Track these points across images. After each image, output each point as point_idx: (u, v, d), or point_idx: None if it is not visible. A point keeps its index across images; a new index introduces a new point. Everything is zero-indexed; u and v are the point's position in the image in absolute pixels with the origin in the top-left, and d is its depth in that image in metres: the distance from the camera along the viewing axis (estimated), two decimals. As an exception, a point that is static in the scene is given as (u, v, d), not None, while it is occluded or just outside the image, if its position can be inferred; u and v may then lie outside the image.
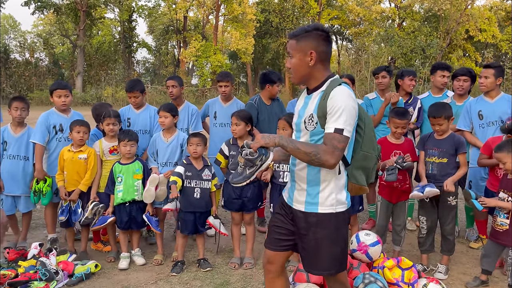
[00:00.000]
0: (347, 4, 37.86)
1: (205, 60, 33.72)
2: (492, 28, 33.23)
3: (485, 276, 3.47)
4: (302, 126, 2.28)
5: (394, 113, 3.85)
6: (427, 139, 3.76)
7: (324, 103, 2.16)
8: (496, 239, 3.37)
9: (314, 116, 2.21)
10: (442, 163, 3.60)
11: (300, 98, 2.40)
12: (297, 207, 2.32)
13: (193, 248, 4.30)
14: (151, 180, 3.79)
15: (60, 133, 4.15)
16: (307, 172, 2.26)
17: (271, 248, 2.43)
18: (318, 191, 2.25)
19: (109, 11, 39.38)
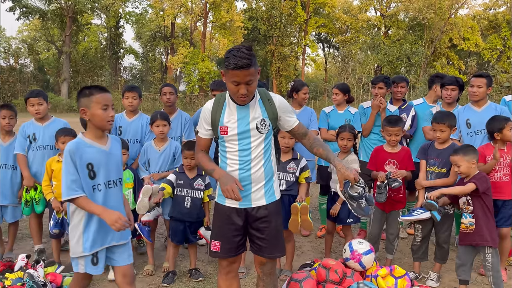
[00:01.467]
0: (334, 12, 38.33)
1: (193, 67, 33.72)
2: (475, 36, 33.95)
3: (464, 286, 3.48)
4: (253, 132, 2.50)
5: (386, 121, 3.90)
6: (428, 148, 3.79)
7: (273, 107, 2.53)
8: (469, 241, 3.37)
9: (266, 120, 2.51)
10: (441, 173, 3.63)
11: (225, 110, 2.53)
12: (257, 204, 2.57)
13: (184, 258, 4.25)
14: (144, 191, 3.73)
15: (33, 142, 4.09)
16: (264, 171, 2.56)
17: (233, 254, 2.65)
18: (272, 183, 2.62)
19: (96, 17, 39.19)
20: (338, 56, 43.79)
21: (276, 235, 2.63)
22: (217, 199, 2.66)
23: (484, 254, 3.34)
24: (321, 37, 43.28)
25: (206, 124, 2.57)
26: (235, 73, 2.31)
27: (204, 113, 2.57)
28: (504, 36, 34.53)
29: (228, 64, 2.32)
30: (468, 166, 3.32)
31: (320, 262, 3.44)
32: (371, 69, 31.63)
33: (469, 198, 3.36)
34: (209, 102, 2.59)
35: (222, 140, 2.55)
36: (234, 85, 2.36)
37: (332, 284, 3.20)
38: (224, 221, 2.60)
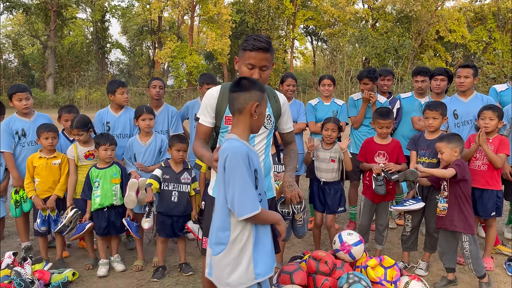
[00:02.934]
0: (321, 5, 38.26)
1: (181, 61, 33.45)
2: (461, 29, 34.22)
3: (452, 275, 3.52)
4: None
5: (377, 114, 3.91)
6: (418, 139, 3.82)
7: (278, 105, 2.52)
8: (440, 225, 3.45)
9: (271, 116, 2.49)
10: (432, 164, 3.65)
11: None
12: None
13: (174, 253, 4.23)
14: (131, 185, 3.70)
15: (23, 138, 3.99)
16: (264, 166, 2.50)
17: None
18: (270, 179, 2.59)
19: (81, 11, 38.59)
20: (326, 49, 43.82)
21: (273, 231, 2.51)
22: (212, 193, 2.51)
23: (462, 242, 3.37)
24: (309, 30, 43.22)
25: (211, 110, 2.45)
26: (252, 54, 2.29)
27: (208, 99, 2.47)
28: (490, 28, 34.89)
29: (247, 45, 2.29)
30: (450, 154, 3.36)
31: (310, 254, 3.44)
32: (359, 61, 31.75)
33: (445, 183, 3.40)
34: (214, 89, 2.50)
35: (225, 131, 2.44)
36: (248, 68, 2.32)
37: (323, 275, 3.21)
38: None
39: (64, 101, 27.50)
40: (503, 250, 4.14)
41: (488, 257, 3.88)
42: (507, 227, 4.64)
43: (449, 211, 3.37)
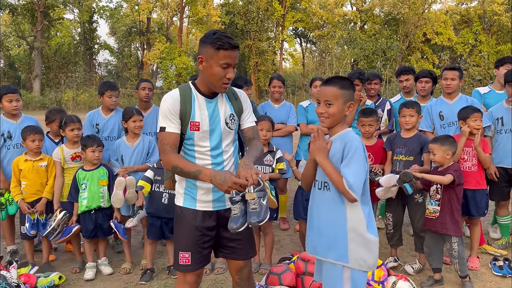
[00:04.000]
0: (310, 7, 38.45)
1: (170, 62, 33.32)
2: (447, 31, 34.68)
3: (439, 275, 3.57)
4: (223, 128, 2.33)
5: (360, 113, 3.99)
6: (394, 138, 3.87)
7: (238, 102, 2.42)
8: (430, 227, 3.48)
9: (234, 115, 2.39)
10: (409, 161, 3.71)
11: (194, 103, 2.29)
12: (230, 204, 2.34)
13: (163, 255, 4.21)
14: (118, 183, 3.67)
15: (9, 141, 3.94)
16: (235, 169, 2.40)
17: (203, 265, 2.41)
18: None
19: (68, 11, 38.25)
20: (315, 51, 44.03)
21: (249, 234, 2.47)
22: (184, 204, 2.37)
23: (450, 243, 3.43)
24: (298, 32, 43.42)
25: (175, 116, 2.25)
26: (228, 53, 2.17)
27: (170, 104, 2.24)
28: (476, 30, 35.45)
29: (222, 44, 2.15)
30: (442, 156, 3.41)
31: (299, 255, 3.46)
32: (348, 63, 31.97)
33: (439, 186, 3.44)
34: (173, 92, 2.30)
35: (190, 138, 2.29)
36: (223, 68, 2.19)
37: (311, 276, 3.22)
38: (194, 229, 2.33)
39: (51, 103, 27.20)
40: (489, 250, 4.20)
41: (474, 256, 3.93)
42: (492, 227, 4.71)
43: (441, 214, 3.41)
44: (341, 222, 2.19)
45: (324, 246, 2.25)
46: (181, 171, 2.21)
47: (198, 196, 2.35)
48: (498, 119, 4.19)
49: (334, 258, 2.20)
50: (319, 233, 2.27)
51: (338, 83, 2.24)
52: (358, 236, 2.18)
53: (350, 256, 2.17)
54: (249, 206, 2.06)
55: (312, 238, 2.34)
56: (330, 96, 2.22)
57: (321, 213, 2.27)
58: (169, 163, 2.22)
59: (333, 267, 2.21)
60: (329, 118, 2.24)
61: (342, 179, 2.13)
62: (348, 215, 2.19)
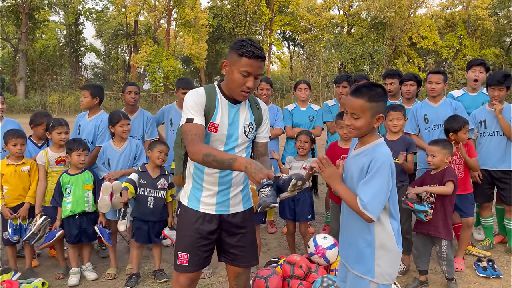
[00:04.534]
0: (298, 10, 38.72)
1: (157, 65, 33.17)
2: (433, 35, 35.22)
3: (424, 277, 3.60)
4: (240, 135, 2.31)
5: (338, 116, 4.02)
6: None
7: (259, 112, 2.40)
8: (422, 230, 3.51)
9: (253, 125, 2.36)
10: (395, 163, 3.72)
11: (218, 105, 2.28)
12: (234, 210, 2.39)
13: (148, 260, 4.17)
14: (104, 188, 3.62)
15: None
16: (244, 175, 2.39)
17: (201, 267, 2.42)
18: (248, 188, 2.49)
19: (54, 13, 37.88)
20: (303, 54, 44.27)
21: (252, 241, 2.47)
22: (188, 204, 2.37)
23: (440, 246, 3.47)
24: (286, 35, 43.62)
25: (201, 110, 2.22)
26: (250, 62, 2.14)
27: (197, 98, 2.22)
28: (460, 34, 36.05)
29: (245, 52, 2.11)
30: (442, 159, 3.47)
31: (286, 258, 3.45)
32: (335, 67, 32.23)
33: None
34: (199, 89, 2.29)
35: (207, 137, 2.28)
36: (243, 75, 2.16)
37: (297, 279, 3.22)
38: (194, 230, 2.32)
39: (36, 106, 26.84)
40: (473, 251, 4.25)
41: (460, 257, 3.98)
42: (476, 228, 4.77)
43: (434, 217, 3.44)
44: (369, 238, 2.12)
45: (352, 258, 2.20)
46: (214, 160, 2.08)
47: (202, 198, 2.35)
48: (481, 122, 4.27)
49: (361, 272, 2.15)
50: (348, 243, 2.23)
51: (366, 95, 2.06)
52: (386, 252, 2.12)
53: (377, 272, 2.12)
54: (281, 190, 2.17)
55: (343, 245, 2.31)
56: (357, 109, 2.06)
57: (349, 225, 2.21)
58: (201, 152, 2.10)
59: (360, 280, 2.16)
60: (355, 131, 2.11)
61: (354, 201, 2.05)
62: (376, 232, 2.11)
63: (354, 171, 2.13)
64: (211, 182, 2.33)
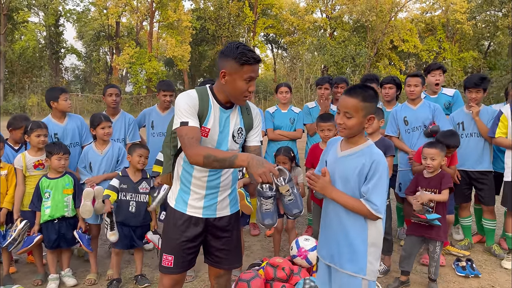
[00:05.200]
0: (281, 13, 38.88)
1: (140, 67, 32.84)
2: (413, 39, 35.81)
3: (406, 277, 3.65)
4: (230, 140, 2.31)
5: (319, 118, 4.05)
6: None
7: (250, 117, 2.39)
8: (421, 233, 3.54)
9: (242, 130, 2.36)
10: None
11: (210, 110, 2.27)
12: (221, 214, 2.41)
13: (130, 264, 4.12)
14: (86, 194, 3.55)
15: None
16: (232, 178, 2.42)
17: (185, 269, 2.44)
18: (235, 192, 2.51)
19: (33, 14, 37.06)
20: (286, 57, 44.47)
21: (237, 245, 2.50)
22: (175, 206, 2.38)
23: (434, 247, 3.52)
24: (270, 38, 43.75)
25: (195, 112, 2.21)
26: (252, 68, 2.16)
27: (190, 101, 2.20)
28: (440, 38, 36.74)
29: (247, 59, 2.12)
30: (440, 162, 3.54)
31: (268, 261, 3.45)
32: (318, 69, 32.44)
33: (433, 194, 3.53)
34: (191, 92, 2.26)
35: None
36: (246, 81, 2.17)
37: (280, 282, 3.23)
38: (180, 233, 2.34)
39: (15, 108, 26.27)
40: (452, 251, 4.33)
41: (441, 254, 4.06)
42: (455, 228, 4.86)
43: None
44: (363, 237, 2.17)
45: (343, 258, 2.20)
46: (215, 160, 2.07)
47: (189, 201, 2.36)
48: (459, 124, 4.36)
49: (353, 271, 2.17)
50: (337, 244, 2.22)
51: (360, 95, 2.12)
52: (376, 249, 2.20)
53: (368, 269, 2.17)
54: (285, 198, 2.05)
55: (329, 246, 2.28)
56: (351, 108, 2.11)
57: (339, 226, 2.22)
58: (200, 154, 2.09)
59: (352, 279, 2.18)
60: (347, 130, 2.15)
61: (361, 204, 2.09)
62: (369, 231, 2.17)
63: (349, 172, 2.16)
64: (199, 185, 2.34)
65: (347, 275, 2.19)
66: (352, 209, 2.12)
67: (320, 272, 2.36)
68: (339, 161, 2.21)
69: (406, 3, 36.34)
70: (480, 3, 33.23)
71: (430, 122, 4.22)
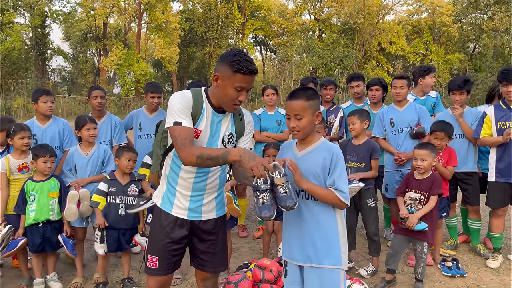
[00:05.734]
0: (270, 15, 38.97)
1: (128, 69, 32.59)
2: (400, 41, 36.17)
3: (391, 276, 3.69)
4: (219, 144, 2.31)
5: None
6: (346, 145, 3.97)
7: (242, 124, 2.38)
8: (410, 234, 3.57)
9: (233, 135, 2.35)
10: (360, 168, 3.81)
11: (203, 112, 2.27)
12: (206, 217, 2.41)
13: (117, 267, 4.08)
14: (70, 197, 3.52)
15: None
16: (219, 182, 2.42)
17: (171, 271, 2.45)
18: (222, 195, 2.51)
19: (19, 15, 36.53)
20: (275, 59, 44.55)
21: (222, 248, 2.51)
22: (161, 205, 2.39)
23: (422, 247, 3.55)
24: (258, 39, 43.81)
25: (189, 113, 2.20)
26: (245, 78, 2.14)
27: (184, 102, 2.20)
28: (426, 40, 37.17)
29: (241, 68, 2.10)
30: (431, 163, 3.57)
31: (256, 263, 3.45)
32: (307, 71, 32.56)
33: (422, 197, 3.55)
34: (186, 93, 2.25)
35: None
36: (237, 90, 2.15)
37: (268, 283, 3.23)
38: (165, 234, 2.34)
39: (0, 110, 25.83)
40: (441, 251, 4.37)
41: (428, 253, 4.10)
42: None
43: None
44: (334, 228, 2.27)
45: (320, 254, 2.25)
46: (208, 158, 2.10)
47: (175, 201, 2.36)
48: (445, 125, 4.40)
49: (331, 264, 2.25)
50: (312, 241, 2.26)
51: (303, 95, 2.24)
52: (345, 240, 2.31)
53: (343, 260, 2.28)
54: (279, 191, 2.06)
55: (303, 246, 2.29)
56: (299, 109, 2.22)
57: (312, 223, 2.26)
58: (193, 155, 2.11)
59: (331, 272, 2.25)
60: (301, 131, 2.25)
61: (332, 193, 2.19)
62: (338, 220, 2.28)
63: (312, 168, 2.25)
64: (185, 186, 2.34)
65: (326, 269, 2.24)
66: (325, 199, 2.21)
67: (290, 276, 2.38)
68: (300, 161, 2.28)
69: (393, 6, 36.74)
70: (466, 6, 33.75)
71: (416, 123, 4.27)
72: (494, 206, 4.18)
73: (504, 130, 3.98)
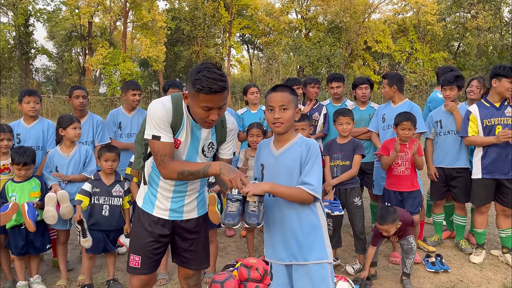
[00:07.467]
0: (257, 14, 38.94)
1: (114, 68, 32.23)
2: (386, 39, 36.49)
3: (373, 270, 3.72)
4: (199, 154, 2.31)
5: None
6: (331, 144, 4.00)
7: (223, 131, 2.35)
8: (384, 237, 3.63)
9: (214, 144, 2.34)
10: (345, 166, 3.84)
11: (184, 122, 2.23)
12: (188, 216, 2.42)
13: (102, 269, 4.03)
14: (48, 199, 3.44)
15: None
16: (200, 183, 2.44)
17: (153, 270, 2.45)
18: (204, 194, 2.52)
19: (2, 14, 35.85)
20: (262, 58, 44.58)
21: (204, 246, 2.52)
22: (142, 206, 2.39)
23: (408, 241, 3.59)
24: (245, 38, 43.76)
25: (168, 125, 2.15)
26: (209, 97, 2.01)
27: (163, 113, 2.13)
28: (412, 39, 37.55)
29: (201, 88, 1.98)
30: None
31: (242, 262, 3.45)
32: (294, 70, 32.64)
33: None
34: (166, 103, 2.17)
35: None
36: (204, 110, 2.06)
37: (254, 282, 3.23)
38: (147, 233, 2.35)
39: (-18, 111, 25.33)
40: (420, 245, 4.42)
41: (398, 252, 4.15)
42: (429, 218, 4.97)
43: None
44: (316, 222, 2.25)
45: (305, 250, 2.23)
46: (189, 173, 2.15)
47: (156, 202, 2.37)
48: (437, 122, 4.45)
49: (318, 258, 2.23)
50: (296, 239, 2.23)
51: (287, 89, 2.25)
52: (326, 231, 2.31)
53: (328, 252, 2.27)
54: (249, 207, 2.07)
55: (287, 245, 2.26)
56: (285, 100, 2.20)
57: (298, 218, 2.23)
58: (174, 171, 2.14)
59: (320, 267, 2.23)
60: (284, 124, 2.20)
61: (299, 189, 2.14)
62: (319, 213, 2.27)
63: (292, 164, 2.23)
64: (166, 188, 2.34)
65: (314, 265, 2.23)
66: (294, 198, 2.17)
67: (277, 278, 2.35)
68: (279, 158, 2.27)
69: (379, 5, 37.00)
70: (450, 5, 34.16)
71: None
72: (478, 203, 4.21)
73: (491, 127, 4.02)
